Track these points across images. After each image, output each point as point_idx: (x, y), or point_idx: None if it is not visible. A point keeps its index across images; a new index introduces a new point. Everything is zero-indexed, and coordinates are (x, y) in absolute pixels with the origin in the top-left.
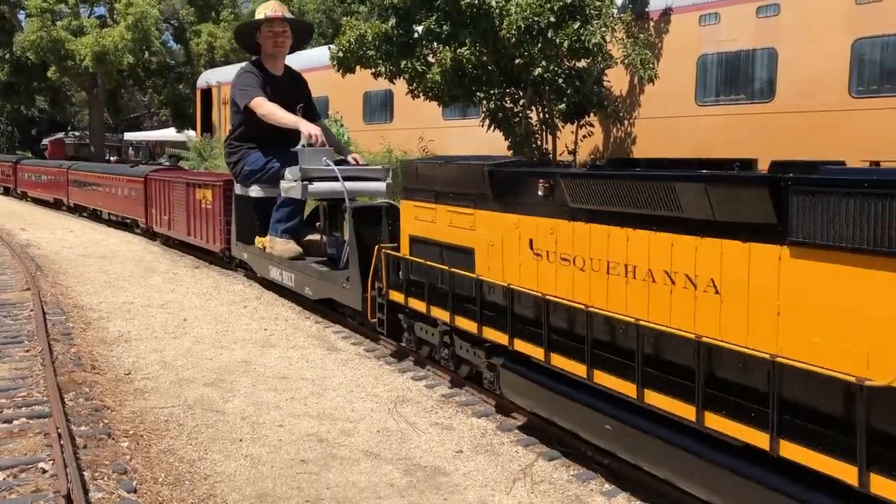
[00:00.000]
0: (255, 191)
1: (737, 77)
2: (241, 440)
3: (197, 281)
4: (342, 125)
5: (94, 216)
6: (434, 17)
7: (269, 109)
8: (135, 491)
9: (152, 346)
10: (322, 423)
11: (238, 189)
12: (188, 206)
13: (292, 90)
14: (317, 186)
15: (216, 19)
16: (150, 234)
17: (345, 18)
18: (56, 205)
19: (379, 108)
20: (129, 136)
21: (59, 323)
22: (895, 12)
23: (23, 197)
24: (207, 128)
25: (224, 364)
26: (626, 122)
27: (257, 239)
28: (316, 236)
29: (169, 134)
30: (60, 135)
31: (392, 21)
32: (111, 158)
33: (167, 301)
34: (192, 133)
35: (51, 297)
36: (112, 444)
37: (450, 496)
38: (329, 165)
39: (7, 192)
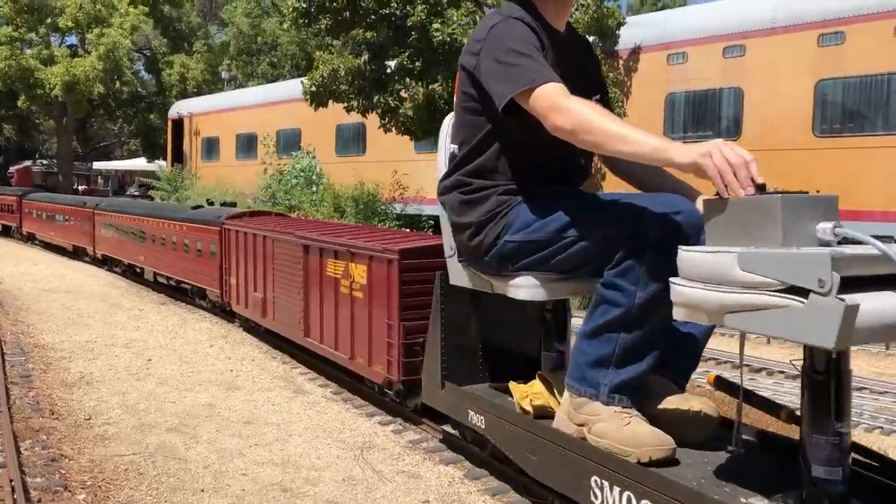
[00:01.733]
0: (528, 288)
1: (704, 115)
2: (202, 490)
3: (163, 318)
4: (314, 157)
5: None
6: (407, 54)
7: (597, 120)
8: None
9: (115, 388)
10: (286, 472)
11: (460, 275)
12: (308, 282)
13: (581, 63)
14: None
15: (189, 50)
16: (226, 313)
17: (318, 52)
18: (75, 254)
19: (351, 141)
20: (98, 165)
21: (18, 364)
22: (856, 54)
23: (28, 240)
24: (178, 158)
25: (188, 408)
26: (595, 157)
27: (515, 388)
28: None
29: (139, 164)
30: (28, 163)
31: (365, 56)
32: (79, 188)
33: (131, 339)
34: (162, 163)
35: (10, 335)
36: (68, 497)
37: None
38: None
39: (8, 232)
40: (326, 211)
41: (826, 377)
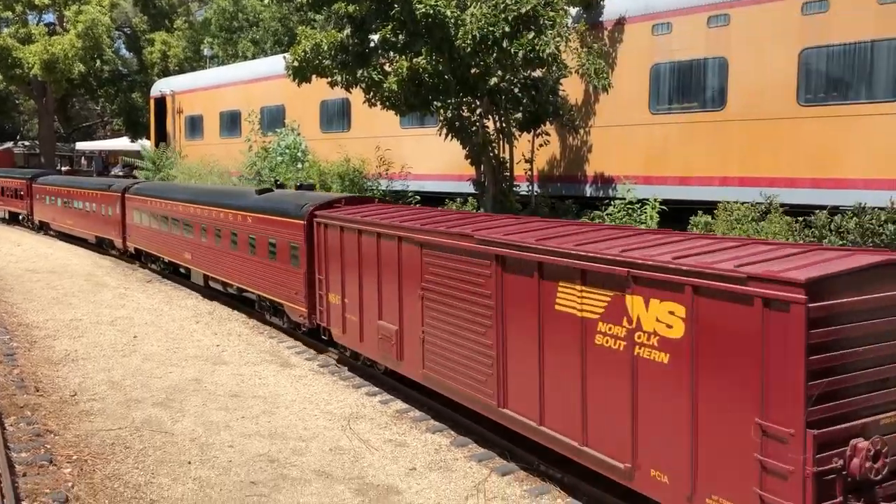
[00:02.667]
0: None
1: (689, 86)
2: (189, 462)
3: (149, 296)
4: (299, 134)
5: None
6: (390, 27)
7: None
8: None
9: (100, 365)
10: (273, 443)
11: None
12: (508, 320)
13: None
14: None
15: (170, 28)
16: (317, 339)
17: (300, 27)
18: (99, 246)
19: (336, 117)
20: (81, 145)
21: (2, 343)
22: (839, 22)
23: (41, 229)
24: (162, 137)
25: (174, 383)
26: (581, 130)
27: None
28: None
29: (122, 143)
30: (9, 144)
31: (347, 30)
32: (62, 168)
33: (117, 317)
34: (146, 142)
35: None
36: (54, 471)
37: None
38: None
39: (16, 220)
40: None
41: None
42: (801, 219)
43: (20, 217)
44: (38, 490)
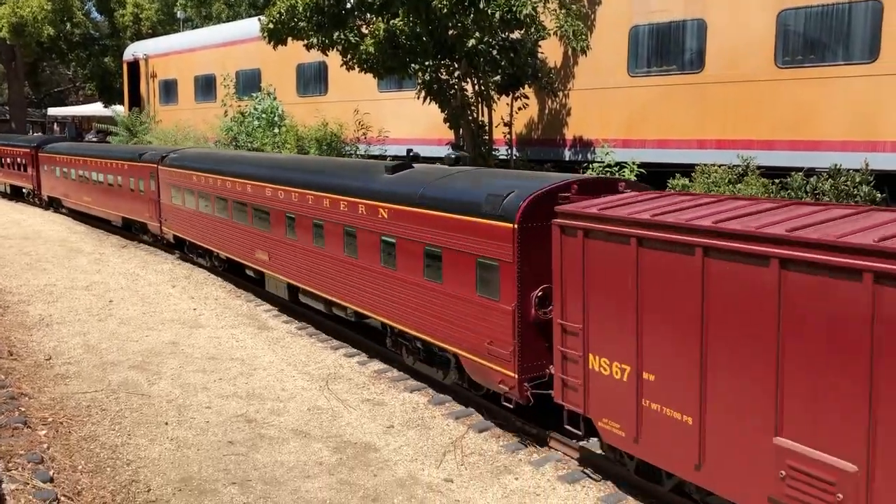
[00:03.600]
0: None
1: (668, 48)
2: (166, 423)
3: (124, 261)
4: (275, 98)
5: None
6: None
7: None
8: (51, 480)
9: (75, 329)
10: (251, 404)
11: None
12: None
13: None
14: None
15: None
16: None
17: None
18: (127, 229)
19: (313, 81)
20: (52, 111)
21: None
22: None
23: (49, 207)
24: (136, 102)
25: (151, 346)
26: (560, 93)
27: None
28: None
29: (96, 109)
30: None
31: None
32: (34, 135)
33: (92, 282)
34: (119, 108)
35: None
36: (28, 433)
37: (379, 472)
38: None
39: (19, 195)
40: (290, 153)
41: None
42: (777, 181)
43: (24, 192)
44: (13, 451)
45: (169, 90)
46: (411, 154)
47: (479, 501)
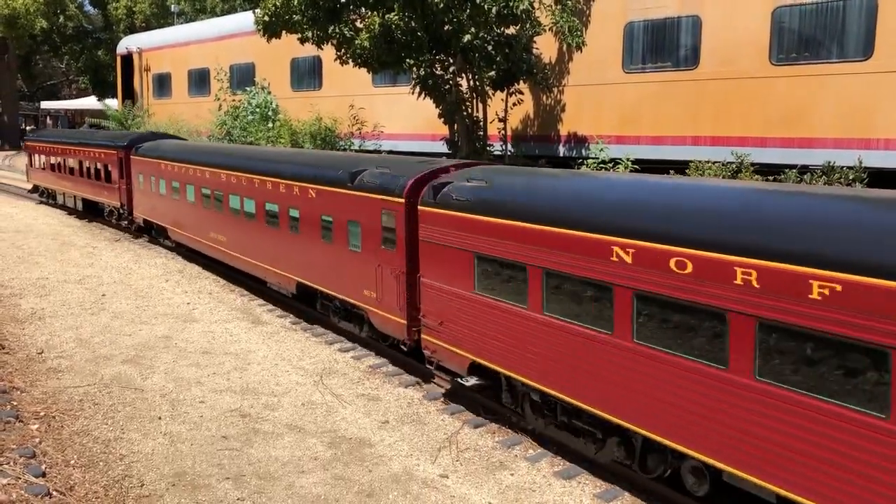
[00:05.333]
0: None
1: (663, 44)
2: (159, 418)
3: (117, 255)
4: (269, 92)
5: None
6: None
7: None
8: (43, 475)
9: (68, 323)
10: (245, 398)
11: None
12: None
13: None
14: None
15: None
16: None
17: None
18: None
19: (307, 75)
20: (46, 104)
21: None
22: None
23: (144, 234)
24: (129, 95)
25: (144, 340)
26: (554, 89)
27: None
28: None
29: (89, 102)
30: None
31: None
32: (26, 128)
33: (85, 276)
34: (112, 102)
35: None
36: (20, 428)
37: (374, 468)
38: None
39: (98, 213)
40: (285, 147)
41: None
42: (771, 178)
43: (105, 212)
44: (4, 445)
45: (162, 84)
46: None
47: (474, 497)
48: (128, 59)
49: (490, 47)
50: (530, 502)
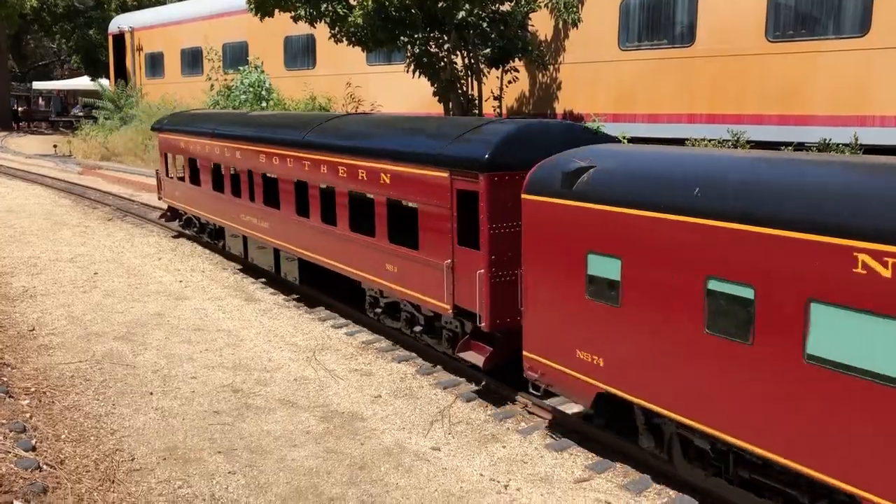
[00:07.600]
0: None
1: (658, 21)
2: (151, 393)
3: (109, 234)
4: (262, 71)
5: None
6: None
7: None
8: (34, 449)
9: (60, 300)
10: (237, 374)
11: None
12: None
13: None
14: None
15: None
16: None
17: None
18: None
19: (301, 54)
20: (37, 85)
21: None
22: None
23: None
24: (121, 75)
25: (136, 317)
26: (550, 67)
27: None
28: None
29: (82, 82)
30: None
31: None
32: (19, 109)
33: (77, 255)
34: (104, 81)
35: None
36: (11, 403)
37: (366, 441)
38: None
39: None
40: None
41: None
42: None
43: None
44: None
45: (155, 63)
46: None
47: (466, 469)
48: (120, 39)
49: (485, 24)
50: (522, 474)
